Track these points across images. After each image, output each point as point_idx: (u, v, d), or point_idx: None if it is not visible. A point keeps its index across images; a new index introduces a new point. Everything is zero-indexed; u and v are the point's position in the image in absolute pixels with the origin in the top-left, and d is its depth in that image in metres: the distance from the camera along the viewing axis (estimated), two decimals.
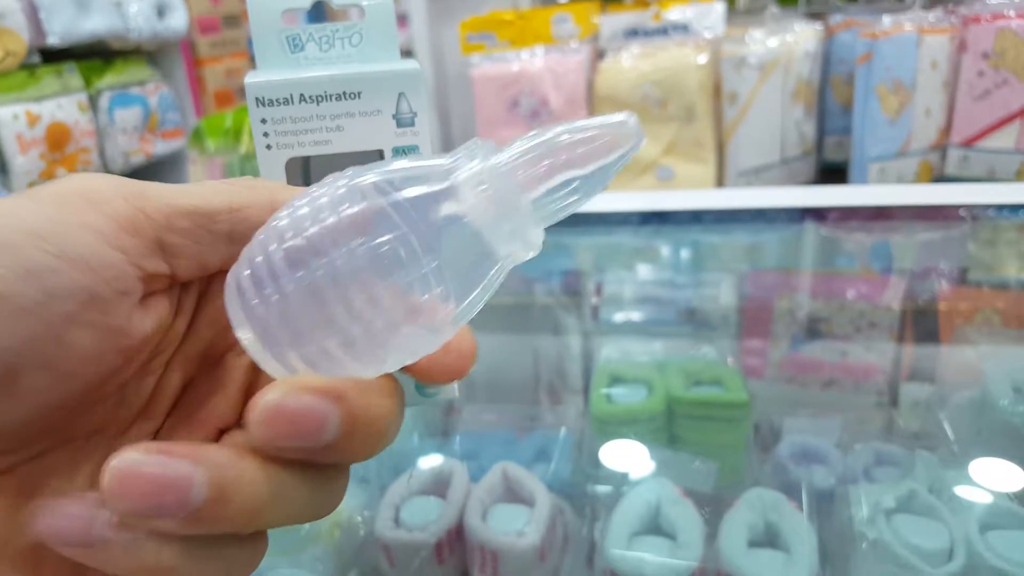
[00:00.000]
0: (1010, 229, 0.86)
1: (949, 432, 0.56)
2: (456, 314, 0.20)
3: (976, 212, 0.87)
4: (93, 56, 1.30)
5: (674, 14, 0.95)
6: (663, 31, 0.95)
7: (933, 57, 0.93)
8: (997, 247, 0.87)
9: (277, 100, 0.32)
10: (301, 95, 0.32)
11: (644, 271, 0.93)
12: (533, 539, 0.45)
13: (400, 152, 0.34)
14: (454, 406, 0.66)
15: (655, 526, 0.46)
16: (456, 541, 0.48)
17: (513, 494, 0.50)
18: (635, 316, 0.84)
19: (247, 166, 0.89)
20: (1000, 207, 0.86)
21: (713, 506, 0.46)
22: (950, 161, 0.98)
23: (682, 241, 0.93)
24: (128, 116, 1.31)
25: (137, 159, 1.32)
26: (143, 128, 1.34)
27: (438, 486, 0.50)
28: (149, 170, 1.36)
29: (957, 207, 0.87)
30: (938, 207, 0.87)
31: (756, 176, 1.00)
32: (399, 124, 0.33)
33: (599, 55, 1.00)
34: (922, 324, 0.80)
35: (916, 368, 0.74)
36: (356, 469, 0.56)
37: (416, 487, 0.50)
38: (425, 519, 0.47)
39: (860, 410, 0.68)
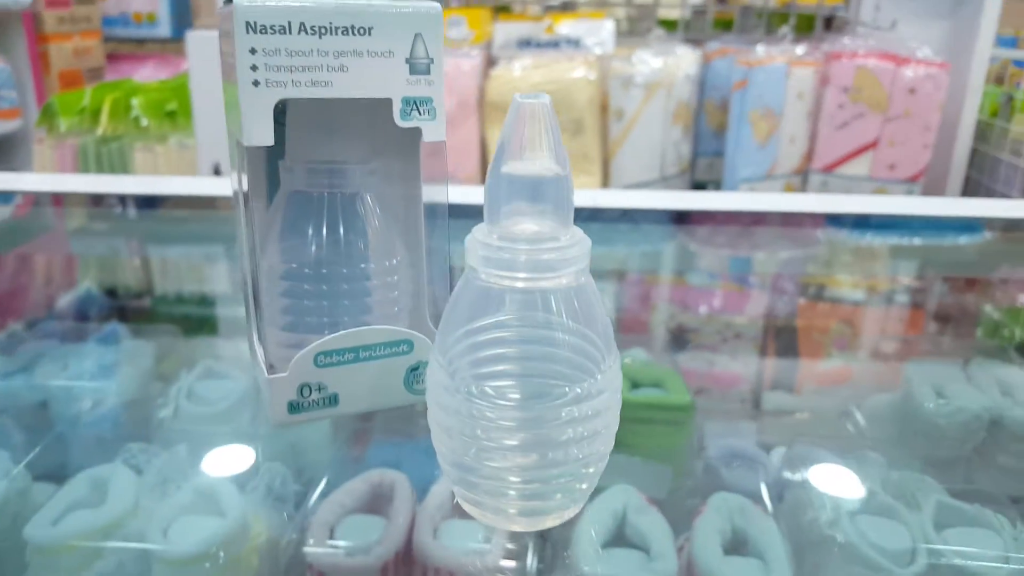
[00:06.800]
0: (860, 247, 0.94)
1: (865, 433, 0.57)
2: None
3: (831, 234, 0.95)
4: None
5: (566, 28, 0.95)
6: (555, 44, 0.95)
7: (800, 88, 0.99)
8: (848, 264, 0.95)
9: (272, 28, 0.27)
10: (302, 24, 0.27)
11: None
12: (495, 556, 0.41)
13: (410, 103, 0.29)
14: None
15: (622, 536, 0.43)
16: (403, 564, 0.42)
17: None
18: None
19: (104, 151, 0.77)
20: (853, 227, 0.95)
21: (677, 512, 0.44)
22: (811, 185, 1.04)
23: None
24: None
25: None
26: None
27: (376, 501, 0.45)
28: None
29: (815, 227, 0.94)
30: (798, 225, 0.94)
31: (638, 191, 1.01)
32: (412, 70, 0.29)
33: (491, 62, 0.98)
34: (782, 337, 0.85)
35: (777, 379, 0.79)
36: (269, 485, 0.49)
37: (351, 504, 0.44)
38: (366, 540, 0.42)
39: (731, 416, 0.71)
